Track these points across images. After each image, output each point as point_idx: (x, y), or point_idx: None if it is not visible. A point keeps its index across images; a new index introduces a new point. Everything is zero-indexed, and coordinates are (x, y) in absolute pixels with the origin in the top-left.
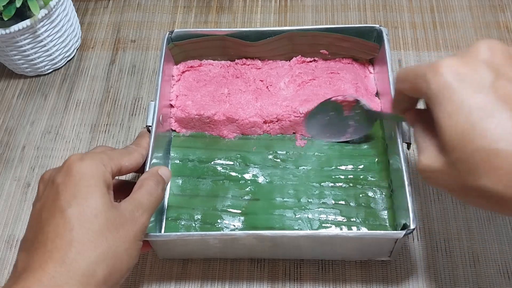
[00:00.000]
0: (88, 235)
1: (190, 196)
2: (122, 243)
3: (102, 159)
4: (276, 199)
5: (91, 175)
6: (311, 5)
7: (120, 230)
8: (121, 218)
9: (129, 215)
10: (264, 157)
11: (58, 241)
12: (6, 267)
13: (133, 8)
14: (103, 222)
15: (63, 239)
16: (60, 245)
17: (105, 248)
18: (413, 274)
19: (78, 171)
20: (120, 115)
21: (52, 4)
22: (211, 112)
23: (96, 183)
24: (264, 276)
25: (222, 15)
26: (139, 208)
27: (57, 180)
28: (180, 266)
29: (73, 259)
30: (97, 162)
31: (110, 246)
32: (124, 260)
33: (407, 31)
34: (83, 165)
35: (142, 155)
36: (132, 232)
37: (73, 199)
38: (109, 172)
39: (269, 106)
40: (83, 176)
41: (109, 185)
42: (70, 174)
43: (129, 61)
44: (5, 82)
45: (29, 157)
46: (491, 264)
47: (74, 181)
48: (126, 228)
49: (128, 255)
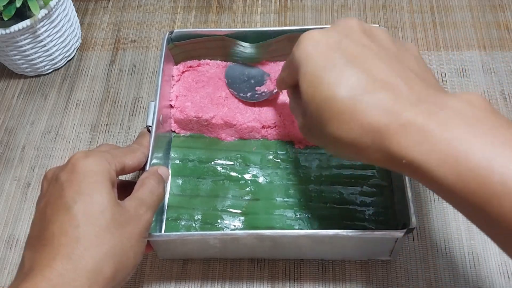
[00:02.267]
0: (94, 231)
1: (190, 196)
2: (128, 240)
3: (106, 157)
4: (276, 199)
5: (96, 172)
6: (311, 5)
7: (125, 227)
8: (126, 215)
9: (133, 212)
10: (264, 157)
11: (64, 238)
12: (6, 267)
13: (133, 8)
14: (109, 218)
15: (69, 236)
16: (67, 242)
17: (111, 244)
18: (413, 274)
19: (82, 168)
20: (120, 115)
21: (52, 4)
22: (209, 115)
23: (101, 180)
24: (264, 276)
25: (222, 15)
26: (142, 205)
27: (61, 178)
28: (180, 266)
29: (80, 256)
30: (101, 159)
31: (116, 243)
32: (131, 257)
33: (407, 31)
34: (88, 162)
35: (144, 154)
36: (137, 229)
37: (78, 195)
38: (113, 169)
39: (267, 111)
40: (88, 173)
41: (113, 183)
42: (74, 171)
43: (129, 61)
44: (5, 82)
45: (29, 157)
46: (491, 264)
47: (79, 178)
48: (132, 225)
49: (134, 252)
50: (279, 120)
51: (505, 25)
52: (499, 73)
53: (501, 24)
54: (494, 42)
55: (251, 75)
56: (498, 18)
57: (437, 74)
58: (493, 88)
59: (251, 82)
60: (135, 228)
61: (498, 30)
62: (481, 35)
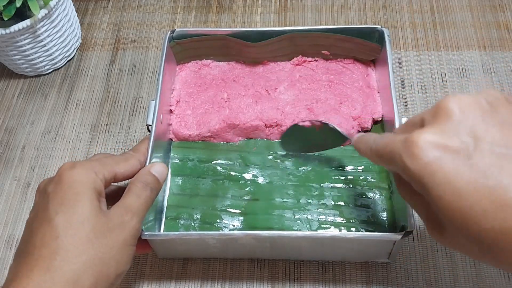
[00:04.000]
0: (74, 242)
1: (190, 195)
2: (109, 249)
3: (93, 167)
4: (275, 200)
5: (80, 182)
6: (311, 5)
7: (107, 236)
8: (109, 224)
9: (117, 221)
10: (264, 158)
11: (44, 249)
12: (6, 267)
13: (133, 8)
14: (89, 229)
15: (49, 247)
16: (46, 254)
17: (91, 254)
18: (413, 274)
19: (68, 179)
20: (120, 115)
21: (52, 4)
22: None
23: (84, 191)
24: (264, 276)
25: (222, 15)
26: (128, 212)
27: (48, 190)
28: (180, 266)
29: (58, 267)
30: (87, 170)
31: (96, 253)
32: (112, 267)
33: (407, 31)
34: (73, 173)
35: (139, 161)
36: (121, 238)
37: (60, 206)
38: (100, 179)
39: (269, 110)
40: (73, 184)
41: (100, 192)
42: (60, 183)
43: (129, 61)
44: (5, 82)
45: (29, 157)
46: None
47: (64, 189)
48: (115, 234)
49: (116, 261)
50: (280, 119)
51: (505, 25)
52: (499, 73)
53: (501, 24)
54: (494, 42)
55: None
56: (498, 18)
57: (437, 74)
58: (493, 88)
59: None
60: (119, 236)
61: (498, 30)
62: (481, 35)
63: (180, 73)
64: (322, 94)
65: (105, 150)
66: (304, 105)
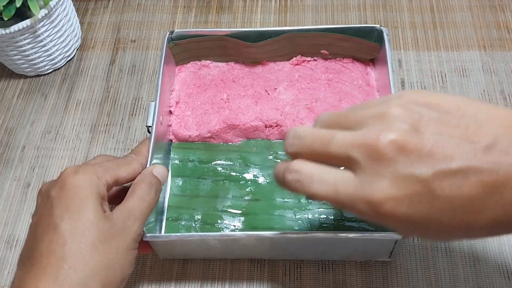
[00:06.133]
0: (80, 249)
1: (191, 196)
2: (115, 254)
3: (96, 172)
4: (276, 200)
5: (85, 188)
6: (311, 5)
7: (112, 242)
8: (113, 228)
9: (120, 225)
10: (264, 158)
11: (51, 257)
12: (6, 267)
13: (133, 8)
14: (95, 235)
15: (56, 255)
16: (53, 262)
17: (97, 261)
18: (413, 274)
19: (72, 185)
20: (120, 115)
21: (52, 4)
22: (211, 126)
23: (89, 196)
24: (264, 276)
25: (222, 15)
26: (130, 216)
27: (51, 194)
28: (180, 266)
29: (66, 275)
30: (91, 175)
31: (102, 259)
32: (118, 271)
33: (407, 31)
34: (77, 178)
35: (141, 164)
36: (124, 243)
37: (66, 213)
38: (103, 184)
39: (269, 110)
40: (77, 189)
41: (103, 197)
42: (64, 188)
43: (129, 61)
44: (5, 82)
45: (29, 157)
46: (491, 264)
47: (68, 195)
48: (119, 239)
49: (121, 265)
50: (280, 119)
51: (505, 25)
52: (499, 73)
53: (501, 24)
54: (494, 42)
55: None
56: (498, 18)
57: (437, 74)
58: (493, 88)
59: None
60: (123, 241)
61: (498, 30)
62: (481, 35)
63: (179, 74)
64: (322, 93)
65: (105, 150)
66: (303, 105)
